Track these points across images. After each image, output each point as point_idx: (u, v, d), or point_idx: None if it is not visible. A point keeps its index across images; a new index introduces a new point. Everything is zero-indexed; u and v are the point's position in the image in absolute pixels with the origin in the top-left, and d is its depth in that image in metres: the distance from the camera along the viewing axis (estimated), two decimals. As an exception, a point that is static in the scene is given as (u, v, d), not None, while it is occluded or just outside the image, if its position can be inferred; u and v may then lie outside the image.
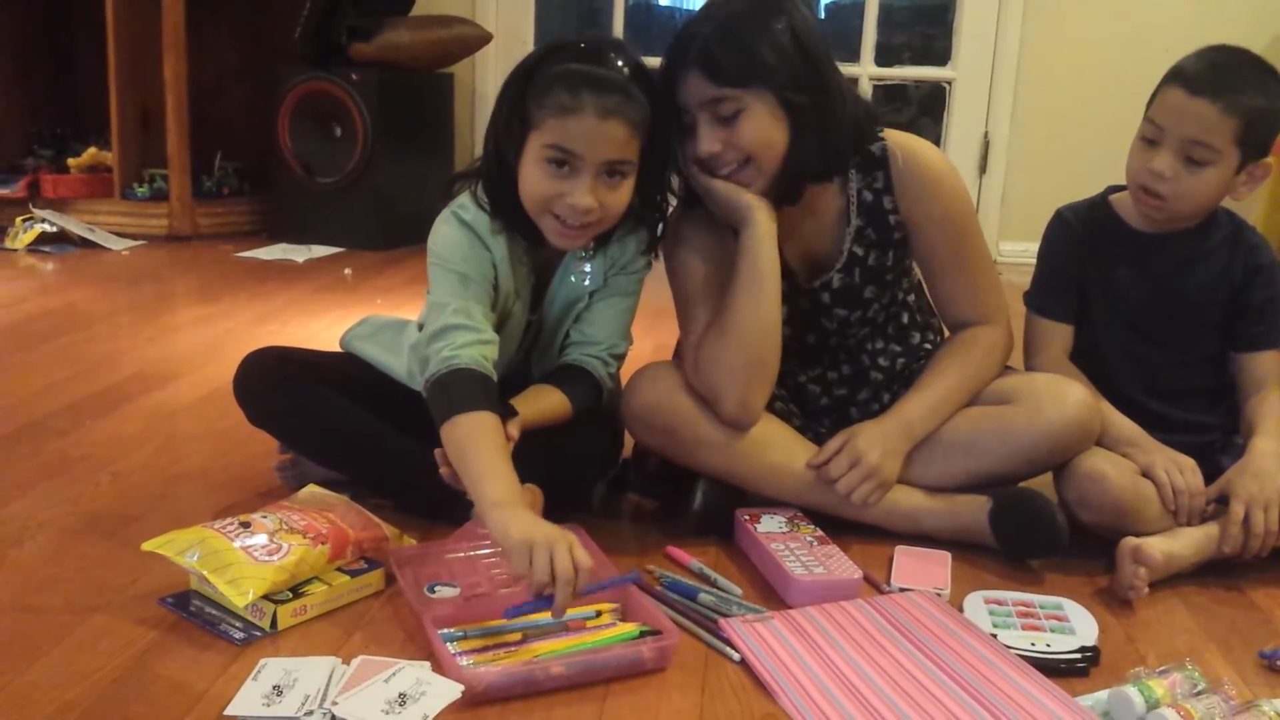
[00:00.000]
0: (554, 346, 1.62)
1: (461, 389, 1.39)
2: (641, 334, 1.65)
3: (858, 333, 1.67)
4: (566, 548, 1.19)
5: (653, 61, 1.48)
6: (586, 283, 1.58)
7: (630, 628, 1.25)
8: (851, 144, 1.54)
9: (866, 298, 1.63)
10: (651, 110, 1.43)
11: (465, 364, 1.40)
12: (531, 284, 1.57)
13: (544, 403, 1.52)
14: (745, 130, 1.45)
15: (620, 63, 1.42)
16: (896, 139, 1.59)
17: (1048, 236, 1.69)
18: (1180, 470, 1.50)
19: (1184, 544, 1.47)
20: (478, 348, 1.42)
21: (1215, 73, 1.50)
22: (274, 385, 1.61)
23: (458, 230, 1.50)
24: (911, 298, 1.71)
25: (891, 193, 1.59)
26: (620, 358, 1.61)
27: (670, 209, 1.60)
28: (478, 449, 1.34)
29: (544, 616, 1.22)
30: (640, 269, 1.60)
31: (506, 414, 1.43)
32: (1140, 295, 1.62)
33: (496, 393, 1.42)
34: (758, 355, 1.51)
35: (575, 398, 1.55)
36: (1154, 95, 1.56)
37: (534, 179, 1.43)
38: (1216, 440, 1.62)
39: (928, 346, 1.70)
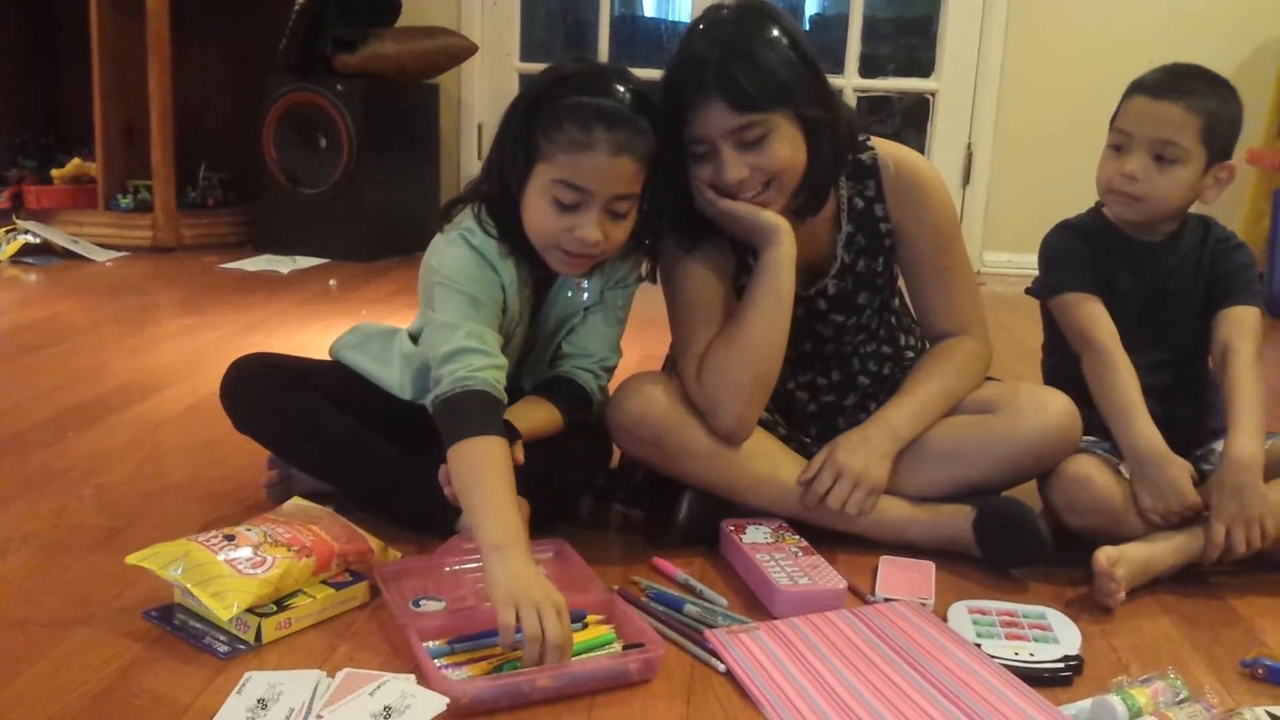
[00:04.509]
0: (545, 359, 1.62)
1: (474, 411, 1.37)
2: (629, 344, 1.65)
3: (853, 339, 1.68)
4: (553, 614, 1.17)
5: (643, 73, 1.48)
6: (584, 298, 1.58)
7: (605, 630, 1.25)
8: (849, 150, 1.57)
9: (860, 303, 1.65)
10: (656, 139, 1.43)
11: (479, 386, 1.39)
12: (532, 304, 1.58)
13: (537, 416, 1.52)
14: (774, 153, 1.45)
15: (623, 90, 1.42)
16: (886, 148, 1.62)
17: (1056, 239, 1.69)
18: (1172, 509, 1.50)
19: (1163, 547, 1.48)
20: (492, 372, 1.41)
21: (1174, 79, 1.58)
22: (262, 391, 1.60)
23: (467, 253, 1.47)
24: (897, 301, 1.73)
25: (883, 200, 1.61)
26: (610, 370, 1.62)
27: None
28: (484, 481, 1.32)
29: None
30: (633, 283, 1.61)
31: (511, 437, 1.41)
32: (1136, 298, 1.64)
33: (503, 417, 1.42)
34: (763, 372, 1.52)
35: (567, 411, 1.55)
36: (1117, 110, 1.62)
37: (541, 213, 1.43)
38: (1194, 435, 1.63)
39: (910, 354, 1.71)
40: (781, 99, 1.43)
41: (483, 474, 1.33)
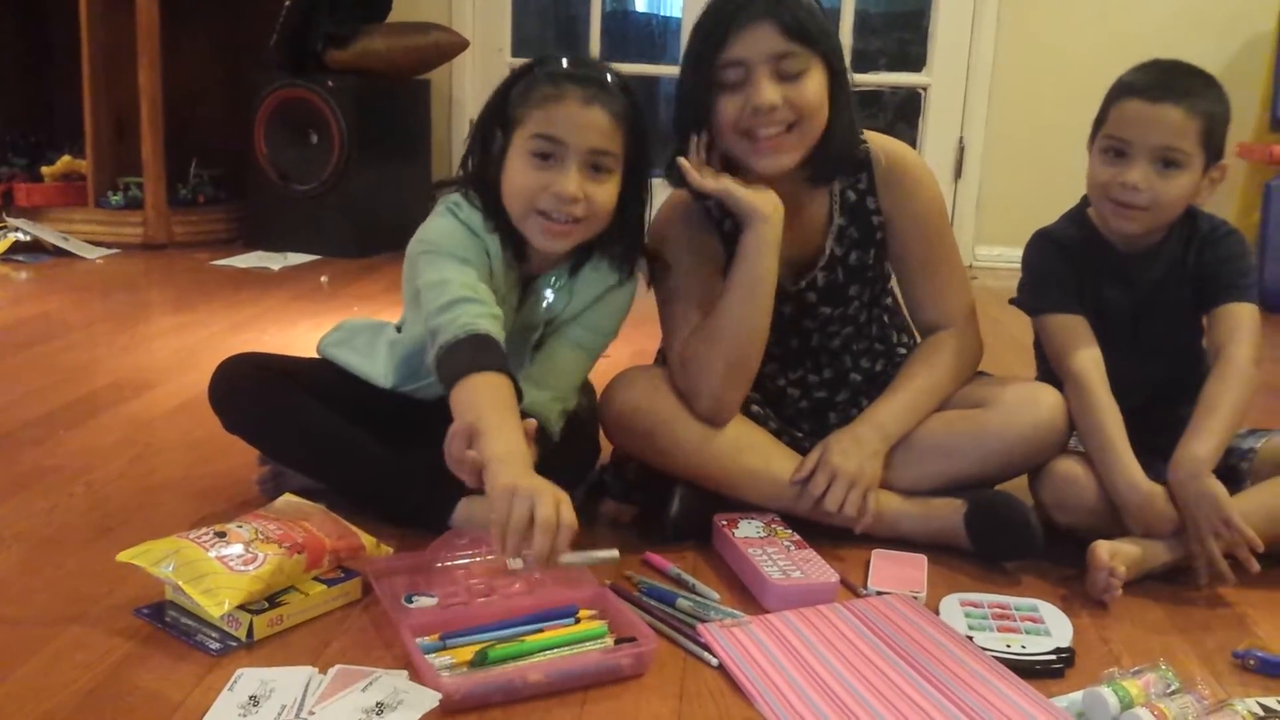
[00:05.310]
0: (520, 367, 1.57)
1: (473, 353, 1.33)
2: (621, 341, 1.64)
3: (840, 332, 1.68)
4: (553, 500, 1.16)
5: (635, 68, 1.49)
6: (544, 306, 1.56)
7: (597, 625, 1.25)
8: (853, 152, 1.58)
9: (850, 295, 1.65)
10: (632, 113, 1.44)
11: (483, 330, 1.35)
12: (518, 294, 1.55)
13: None
14: (808, 90, 1.47)
15: (598, 69, 1.45)
16: (878, 141, 1.63)
17: (1036, 253, 1.65)
18: (1166, 537, 1.48)
19: (1156, 545, 1.47)
20: (489, 320, 1.38)
21: (1170, 79, 1.52)
22: (250, 391, 1.60)
23: (454, 222, 1.47)
24: (889, 300, 1.73)
25: (875, 193, 1.62)
26: (566, 413, 1.55)
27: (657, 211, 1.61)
28: (487, 405, 1.28)
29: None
30: (611, 330, 1.59)
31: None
32: (1125, 308, 1.61)
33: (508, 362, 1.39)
34: (740, 359, 1.53)
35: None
36: (1105, 113, 1.56)
37: (519, 173, 1.43)
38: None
39: (903, 352, 1.71)
40: (823, 42, 1.48)
41: (484, 399, 1.29)
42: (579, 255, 1.54)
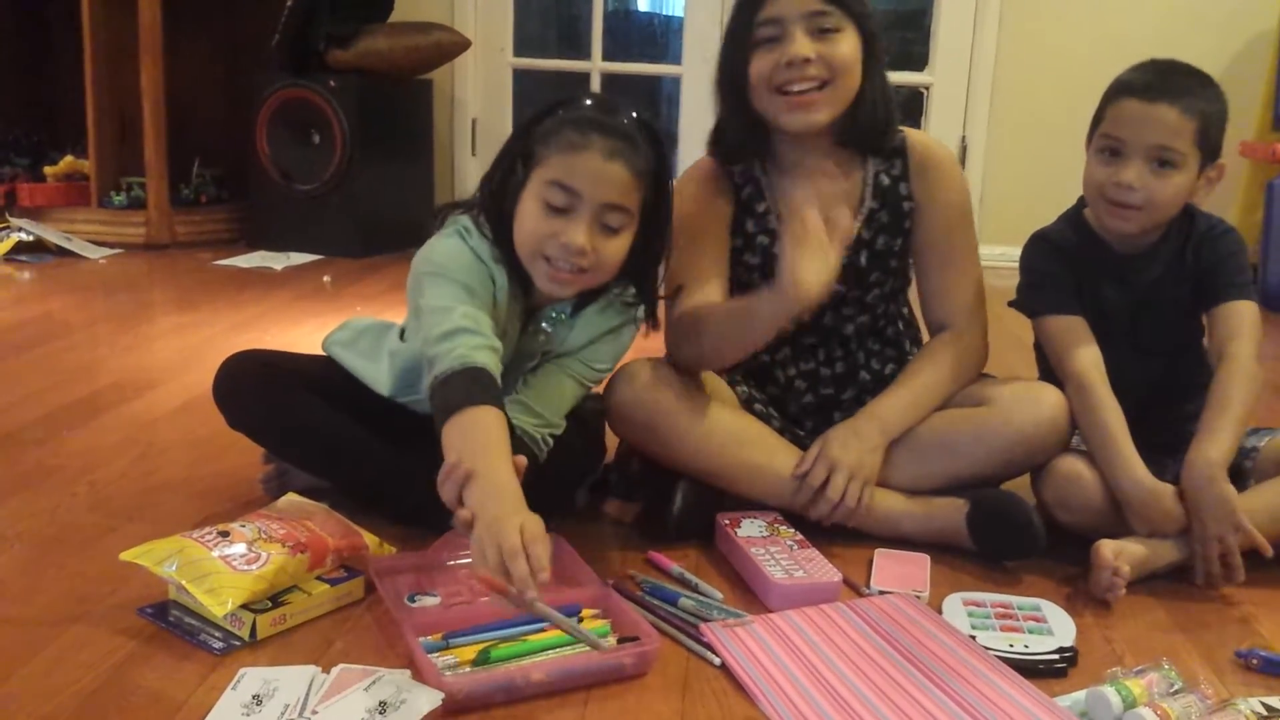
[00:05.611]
0: (510, 391, 1.56)
1: (469, 386, 1.32)
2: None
3: (855, 318, 1.68)
4: (514, 527, 1.16)
5: (635, 67, 1.49)
6: (541, 339, 1.55)
7: (600, 624, 1.25)
8: (886, 125, 1.61)
9: (870, 282, 1.67)
10: (655, 165, 1.44)
11: (480, 364, 1.34)
12: (520, 324, 1.54)
13: None
14: (841, 48, 1.52)
15: (625, 116, 1.44)
16: (915, 134, 1.68)
17: (1034, 255, 1.65)
18: (1169, 535, 1.48)
19: (1161, 545, 1.47)
20: (489, 354, 1.37)
21: (1165, 79, 1.52)
22: (255, 388, 1.60)
23: (462, 246, 1.46)
24: (906, 310, 1.75)
25: (908, 179, 1.65)
26: (554, 435, 1.54)
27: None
28: (479, 446, 1.27)
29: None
30: (607, 368, 1.58)
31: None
32: (1123, 308, 1.61)
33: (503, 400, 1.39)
34: (715, 359, 1.59)
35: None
36: (1101, 112, 1.57)
37: (532, 217, 1.41)
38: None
39: (910, 358, 1.71)
40: (856, 5, 1.54)
41: (476, 438, 1.28)
42: (585, 295, 1.53)
